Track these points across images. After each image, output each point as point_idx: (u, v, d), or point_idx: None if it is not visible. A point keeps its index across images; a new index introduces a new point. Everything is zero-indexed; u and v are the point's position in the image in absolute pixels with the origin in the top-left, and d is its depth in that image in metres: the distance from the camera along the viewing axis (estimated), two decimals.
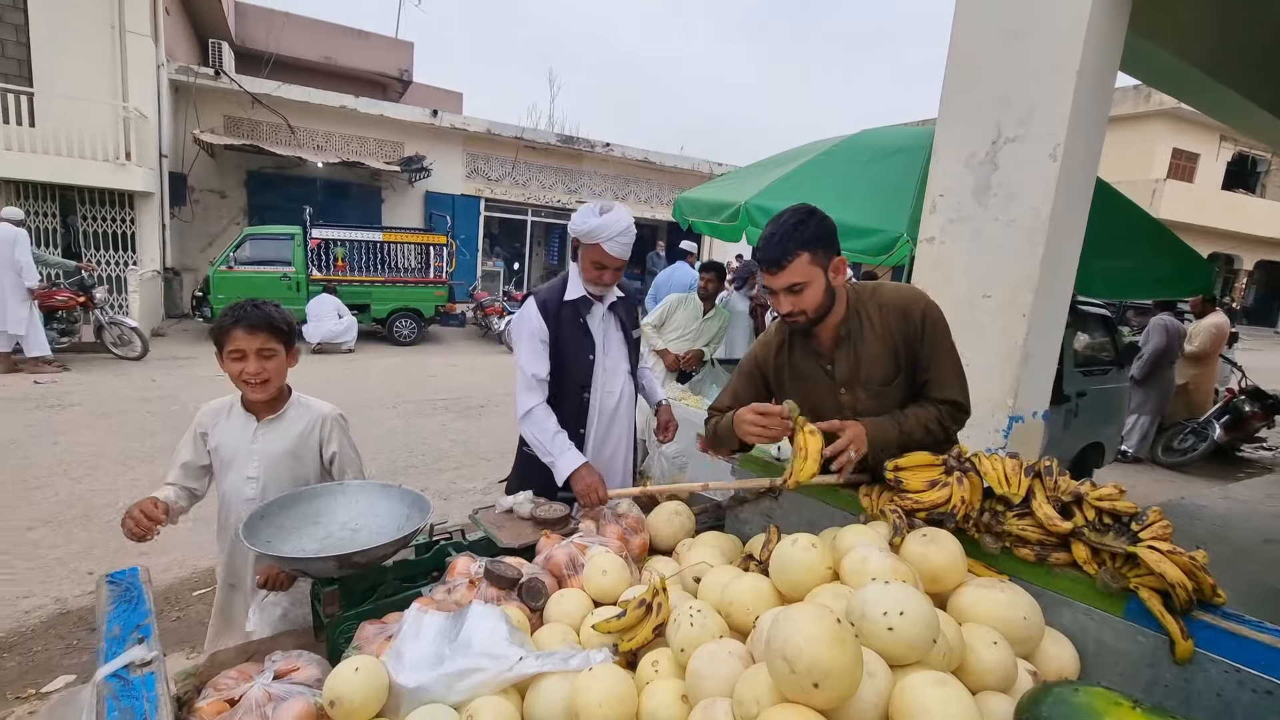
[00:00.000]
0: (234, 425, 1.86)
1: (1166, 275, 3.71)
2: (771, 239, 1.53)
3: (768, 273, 1.54)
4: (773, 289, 1.57)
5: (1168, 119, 19.17)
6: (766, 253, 1.53)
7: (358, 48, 16.71)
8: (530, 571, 1.52)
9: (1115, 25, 2.46)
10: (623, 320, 2.31)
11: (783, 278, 1.52)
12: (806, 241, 1.51)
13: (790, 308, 1.57)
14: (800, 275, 1.52)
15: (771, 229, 1.55)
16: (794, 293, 1.54)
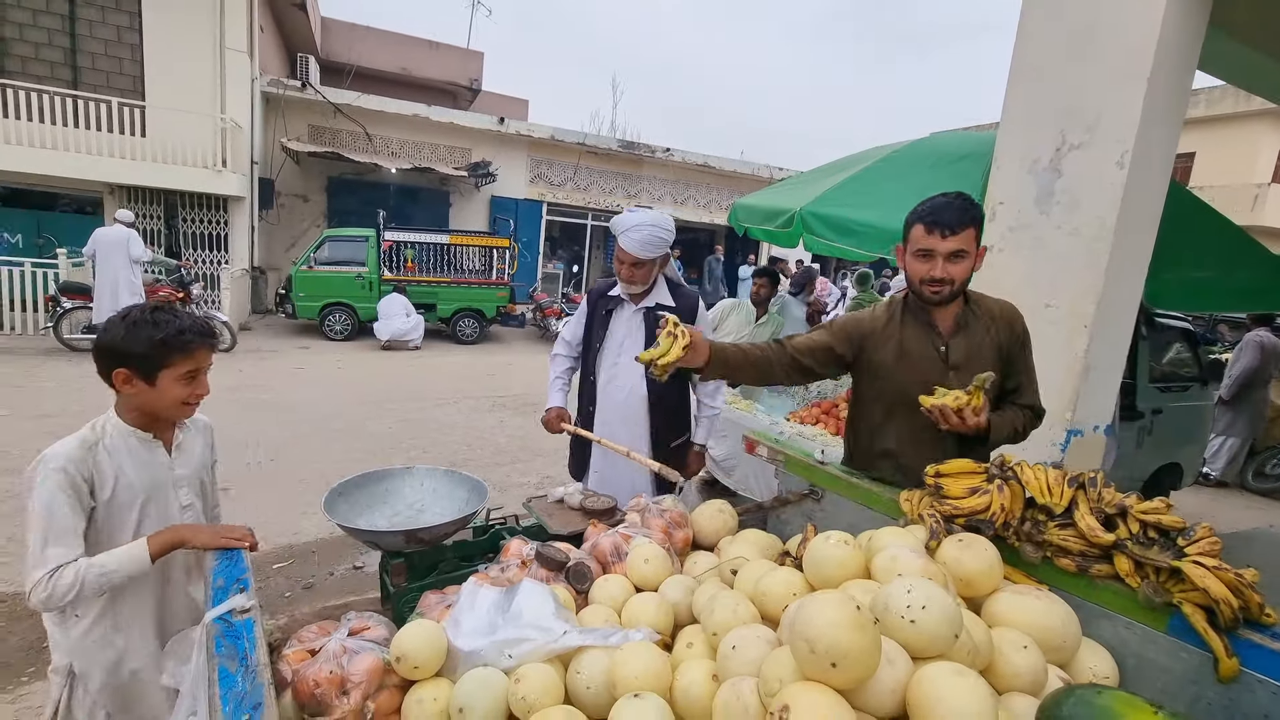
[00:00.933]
0: (137, 459, 1.50)
1: (1250, 286, 3.48)
2: (949, 206, 1.63)
3: (939, 235, 1.63)
4: (933, 251, 1.65)
5: (1273, 118, 17.68)
6: (943, 216, 1.62)
7: (431, 58, 17.46)
8: (577, 556, 1.62)
9: (1194, 23, 2.37)
10: (650, 328, 2.38)
11: (952, 241, 1.62)
12: (976, 220, 1.64)
13: (943, 274, 1.65)
14: (965, 244, 1.63)
15: (944, 201, 1.65)
16: (953, 260, 1.64)
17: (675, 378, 2.30)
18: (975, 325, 1.76)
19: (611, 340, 2.47)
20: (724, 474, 4.29)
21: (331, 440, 5.53)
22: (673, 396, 2.49)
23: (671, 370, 1.65)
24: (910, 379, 1.74)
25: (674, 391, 2.47)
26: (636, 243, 2.24)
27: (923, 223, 1.65)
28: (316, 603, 3.17)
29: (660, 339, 1.66)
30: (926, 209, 1.67)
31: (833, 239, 3.75)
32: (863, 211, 3.63)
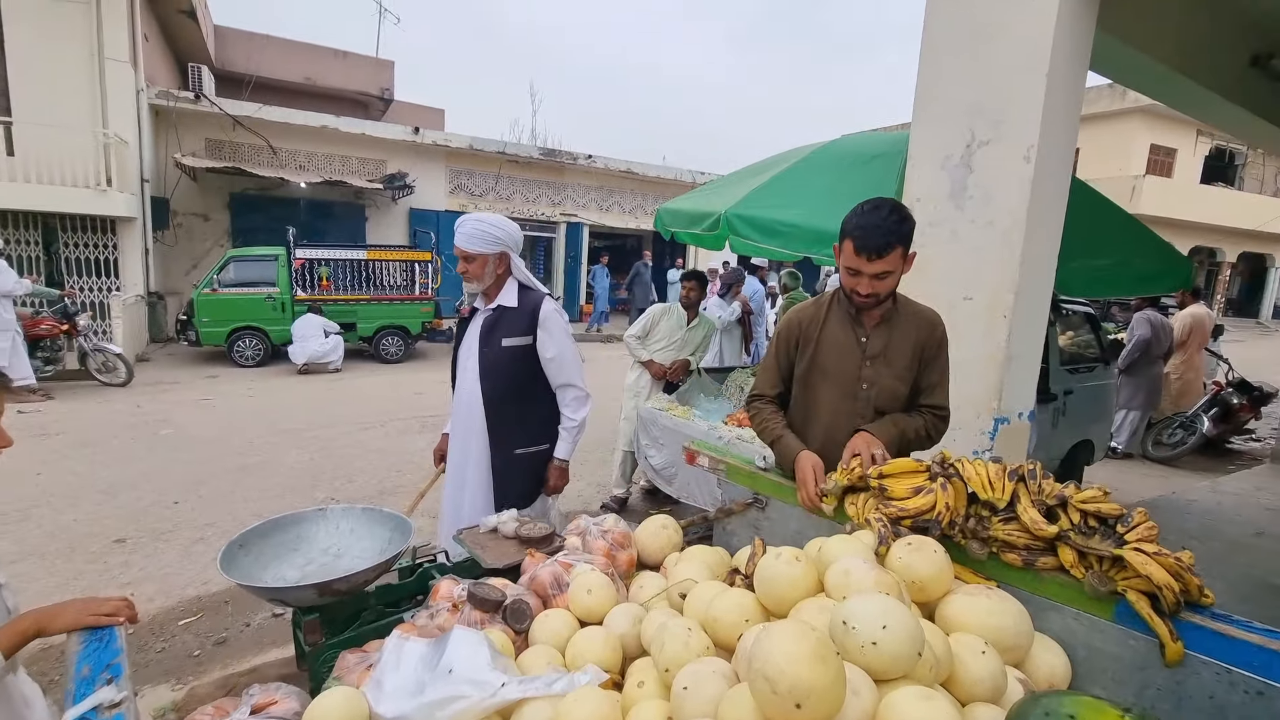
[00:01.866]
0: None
1: (1146, 272, 3.75)
2: (876, 230, 1.68)
3: (866, 259, 1.69)
4: (860, 271, 1.72)
5: (1144, 115, 19.48)
6: (869, 241, 1.68)
7: (338, 68, 16.73)
8: (514, 593, 1.50)
9: (1083, 25, 2.49)
10: (486, 328, 2.38)
11: (878, 265, 1.69)
12: (904, 237, 1.70)
13: (869, 290, 1.75)
14: (891, 265, 1.70)
15: (874, 219, 1.69)
16: (879, 279, 1.72)
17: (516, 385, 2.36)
18: (897, 322, 1.88)
19: (464, 346, 2.47)
20: (665, 482, 4.23)
21: (244, 476, 5.11)
22: (512, 401, 2.39)
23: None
24: (829, 361, 1.90)
25: (513, 395, 2.38)
26: (462, 236, 2.28)
27: (853, 242, 1.71)
28: (230, 661, 2.89)
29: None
30: (858, 228, 1.70)
31: (758, 240, 3.76)
32: (786, 212, 3.66)
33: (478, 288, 2.40)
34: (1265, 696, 1.07)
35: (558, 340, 2.37)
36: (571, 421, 2.45)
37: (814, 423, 1.93)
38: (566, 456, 2.48)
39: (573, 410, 2.45)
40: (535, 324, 2.35)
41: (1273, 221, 20.88)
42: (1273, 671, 1.07)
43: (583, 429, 2.48)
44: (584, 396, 2.45)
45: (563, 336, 2.39)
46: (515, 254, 2.40)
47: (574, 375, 2.43)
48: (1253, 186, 23.17)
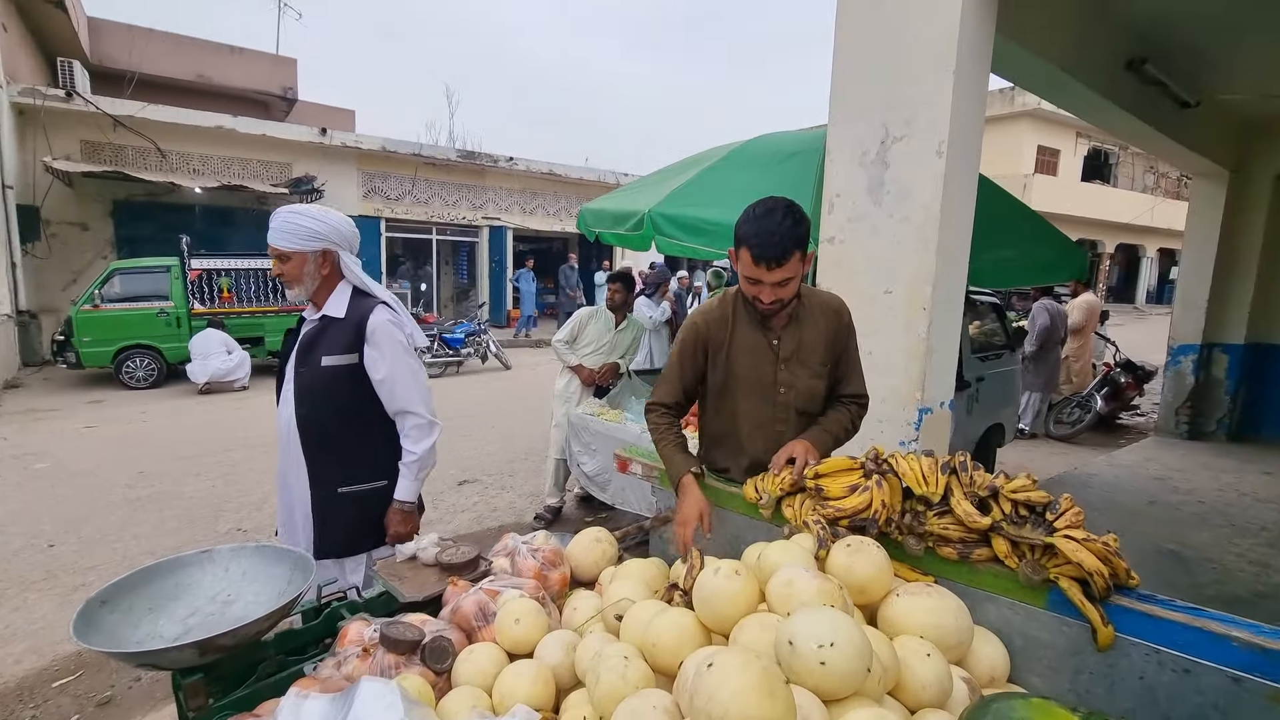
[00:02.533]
0: None
1: (1047, 262, 3.97)
2: (772, 237, 1.60)
3: (764, 267, 1.62)
4: (761, 280, 1.65)
5: (1032, 119, 21.03)
6: (767, 250, 1.60)
7: (233, 65, 15.65)
8: (434, 629, 1.36)
9: (984, 27, 2.57)
10: (306, 343, 2.00)
11: (779, 273, 1.62)
12: (800, 240, 1.62)
13: (773, 298, 1.68)
14: (791, 271, 1.64)
15: (768, 225, 1.61)
16: (782, 285, 1.66)
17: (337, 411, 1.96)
18: (806, 319, 1.83)
19: (288, 363, 2.05)
20: (599, 489, 4.13)
21: (134, 511, 4.63)
22: (334, 430, 1.99)
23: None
24: (744, 368, 1.83)
25: (335, 423, 1.99)
26: (273, 230, 1.93)
27: (750, 251, 1.62)
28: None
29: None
30: (754, 235, 1.62)
31: (683, 239, 3.73)
32: (710, 210, 3.65)
33: (300, 293, 2.00)
34: (1191, 674, 1.09)
35: (390, 358, 1.96)
36: (411, 455, 2.03)
37: (735, 432, 1.87)
38: (408, 498, 2.06)
39: (413, 442, 2.04)
40: (362, 338, 1.95)
41: (1143, 215, 22.98)
42: (1197, 649, 1.09)
43: (427, 464, 2.08)
44: (426, 425, 2.04)
45: (397, 353, 1.98)
46: (345, 252, 2.02)
47: (412, 400, 2.02)
48: (1125, 184, 25.44)
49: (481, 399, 8.80)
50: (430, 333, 10.50)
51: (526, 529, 4.22)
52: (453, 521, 4.56)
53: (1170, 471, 5.51)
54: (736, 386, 1.85)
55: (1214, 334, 6.52)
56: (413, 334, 2.07)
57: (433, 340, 10.40)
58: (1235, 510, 4.64)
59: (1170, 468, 5.62)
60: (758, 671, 0.74)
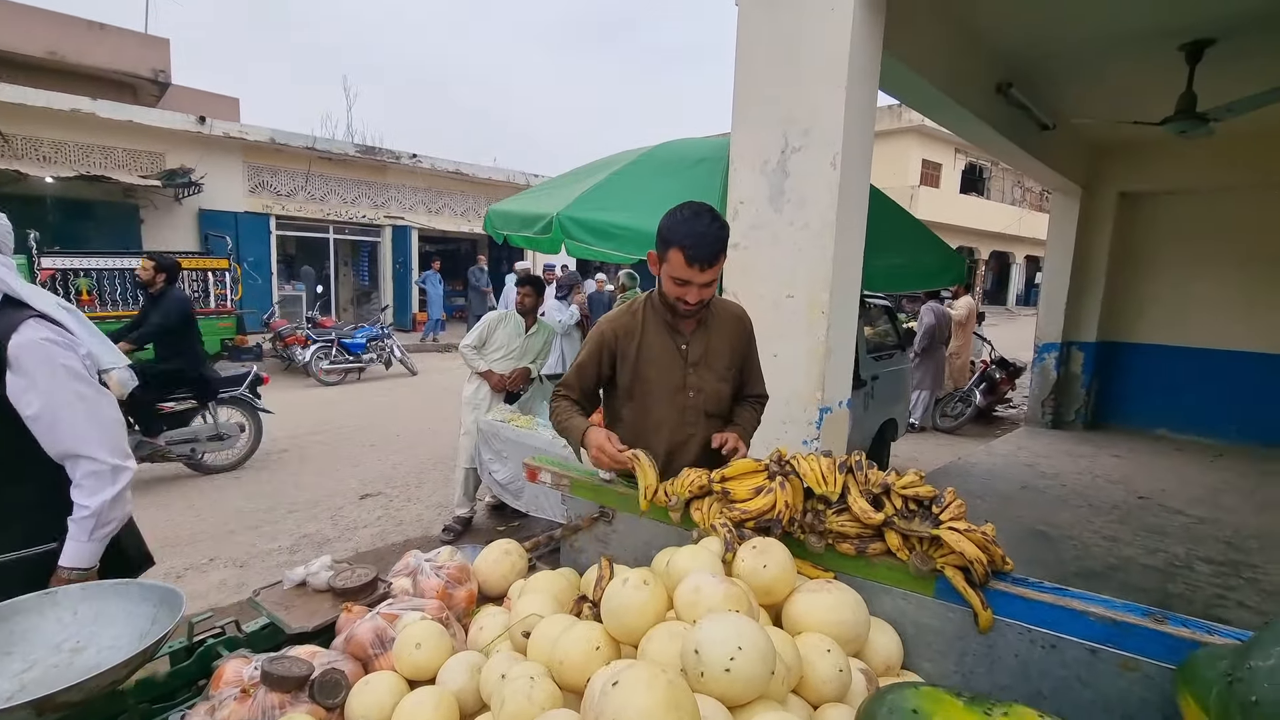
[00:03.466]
0: None
1: (932, 269, 4.28)
2: (707, 239, 1.67)
3: (697, 269, 1.68)
4: (691, 281, 1.70)
5: (917, 134, 22.65)
6: (701, 251, 1.66)
7: (94, 43, 14.07)
8: (325, 661, 1.26)
9: (873, 47, 2.73)
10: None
11: (709, 274, 1.70)
12: (725, 244, 1.72)
13: (698, 298, 1.74)
14: (718, 272, 1.73)
15: (702, 228, 1.68)
16: (707, 287, 1.73)
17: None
18: (713, 325, 1.91)
19: None
20: (511, 497, 4.03)
21: None
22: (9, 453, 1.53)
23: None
24: (653, 372, 1.88)
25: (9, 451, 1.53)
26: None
27: (684, 253, 1.67)
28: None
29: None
30: (689, 236, 1.67)
31: (592, 243, 3.71)
32: (619, 214, 3.65)
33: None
34: (1057, 649, 1.19)
35: (45, 387, 1.49)
36: (83, 510, 1.54)
37: (645, 434, 1.90)
38: (76, 564, 1.54)
39: (86, 494, 1.54)
40: (2, 363, 1.47)
41: (1012, 225, 25.34)
42: (1061, 625, 1.19)
43: (106, 519, 1.57)
44: (107, 471, 1.56)
45: (56, 381, 1.50)
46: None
47: (81, 439, 1.54)
48: (997, 196, 27.94)
49: (385, 407, 8.39)
50: (328, 337, 9.89)
51: (435, 542, 4.05)
52: (353, 539, 4.30)
53: (1038, 458, 6.08)
54: (646, 390, 1.90)
55: (1072, 333, 7.28)
56: (91, 354, 1.62)
57: (330, 345, 9.81)
58: (1091, 491, 5.19)
59: (1038, 455, 6.21)
60: (663, 687, 0.73)
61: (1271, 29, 3.74)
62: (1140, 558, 3.99)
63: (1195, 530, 4.47)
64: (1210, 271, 6.82)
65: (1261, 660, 0.79)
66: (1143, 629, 1.12)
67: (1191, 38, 3.91)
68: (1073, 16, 3.77)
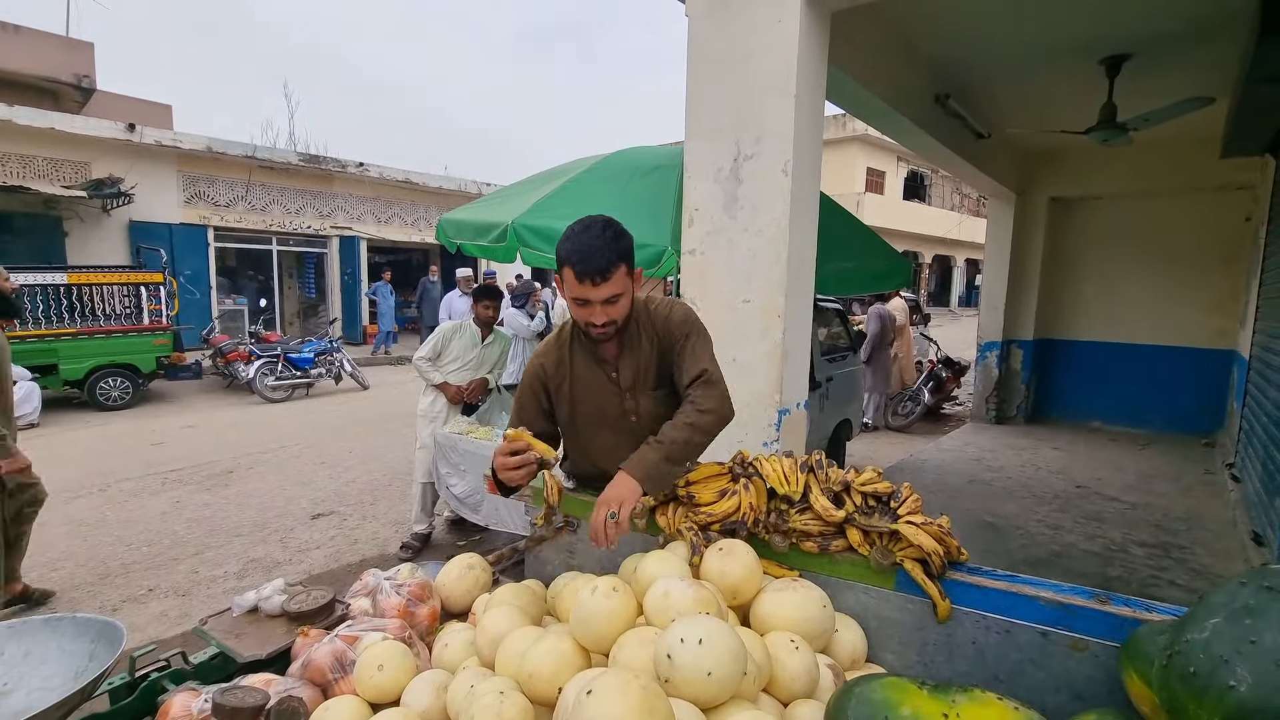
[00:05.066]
0: None
1: (880, 272, 4.43)
2: (593, 250, 1.51)
3: (589, 284, 1.52)
4: (589, 300, 1.54)
5: (861, 143, 23.40)
6: (589, 265, 1.50)
7: (8, 45, 13.25)
8: (281, 689, 1.21)
9: (819, 58, 2.81)
10: None
11: (605, 289, 1.53)
12: (624, 253, 1.55)
13: (604, 318, 1.58)
14: (619, 286, 1.55)
15: (588, 240, 1.52)
16: (611, 303, 1.56)
17: None
18: (641, 342, 1.72)
19: None
20: (470, 510, 3.96)
21: None
22: None
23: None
24: (589, 407, 1.75)
25: None
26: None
27: (573, 269, 1.52)
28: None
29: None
30: (574, 251, 1.52)
31: (548, 251, 3.69)
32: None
33: None
34: (1011, 634, 1.24)
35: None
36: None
37: (596, 464, 1.79)
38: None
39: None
40: None
41: (953, 230, 26.38)
42: (1014, 611, 1.24)
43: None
44: None
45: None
46: None
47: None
48: (938, 202, 29.08)
49: (336, 423, 8.12)
50: (273, 353, 9.53)
51: (392, 561, 3.94)
52: (305, 561, 4.15)
53: (984, 453, 6.33)
54: (586, 422, 1.78)
55: (1011, 332, 7.61)
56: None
57: (275, 361, 9.46)
58: (1034, 483, 5.42)
59: (984, 449, 6.46)
60: (637, 693, 0.73)
61: (1181, 46, 4.02)
62: (1081, 544, 4.19)
63: (1129, 515, 4.72)
64: (1134, 271, 7.25)
65: (1197, 634, 0.84)
66: (1089, 610, 1.18)
67: (1110, 52, 4.17)
68: (1000, 32, 3.97)
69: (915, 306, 9.61)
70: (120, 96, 15.16)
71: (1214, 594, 0.88)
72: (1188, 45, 4.01)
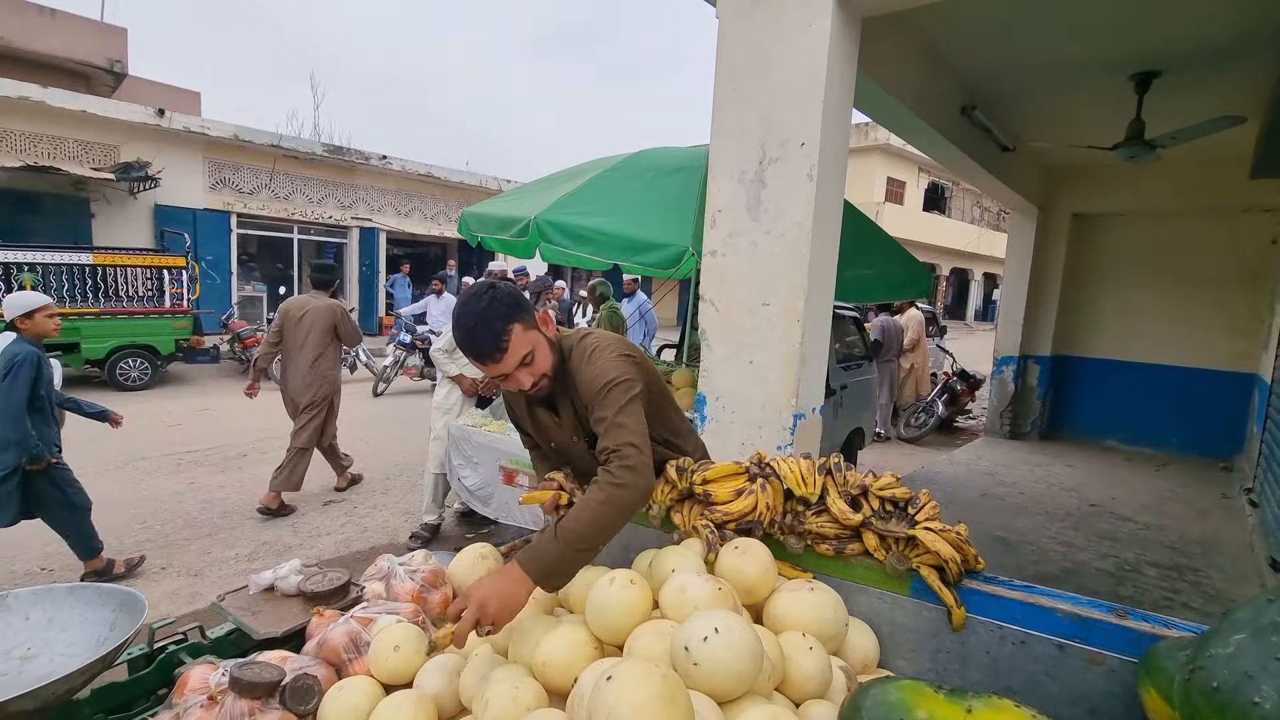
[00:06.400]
0: None
1: (900, 281, 4.40)
2: (474, 331, 1.41)
3: (493, 364, 1.43)
4: (504, 373, 1.46)
5: (882, 153, 23.25)
6: (479, 347, 1.41)
7: (46, 29, 13.52)
8: (297, 667, 1.23)
9: (848, 63, 2.80)
10: None
11: (508, 360, 1.42)
12: (509, 314, 1.42)
13: (529, 379, 1.48)
14: (523, 347, 1.44)
15: (468, 324, 1.42)
16: (525, 364, 1.46)
17: None
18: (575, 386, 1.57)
19: None
20: (480, 503, 3.97)
21: None
22: None
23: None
24: (552, 442, 1.74)
25: None
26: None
27: (471, 357, 1.46)
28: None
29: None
30: (463, 342, 1.44)
31: (569, 247, 3.71)
32: (596, 219, 3.66)
33: None
34: (1026, 644, 1.23)
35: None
36: None
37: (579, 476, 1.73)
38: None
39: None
40: None
41: (971, 243, 26.15)
42: (1030, 622, 1.23)
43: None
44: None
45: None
46: None
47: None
48: (957, 215, 28.83)
49: (351, 411, 8.17)
50: None
51: (402, 549, 3.96)
52: (316, 546, 4.18)
53: (997, 467, 6.26)
54: (553, 452, 1.78)
55: (1029, 347, 7.53)
56: None
57: None
58: (1047, 499, 5.36)
59: (997, 464, 6.40)
60: (658, 680, 0.74)
61: (1213, 64, 3.97)
62: (1093, 562, 4.13)
63: (1143, 536, 4.65)
64: (1156, 291, 7.15)
65: (1221, 649, 0.83)
66: (1107, 624, 1.17)
67: (1140, 69, 4.12)
68: (1031, 45, 3.94)
69: (932, 318, 9.55)
70: (150, 82, 15.41)
71: (1239, 610, 0.87)
72: (1220, 63, 3.95)
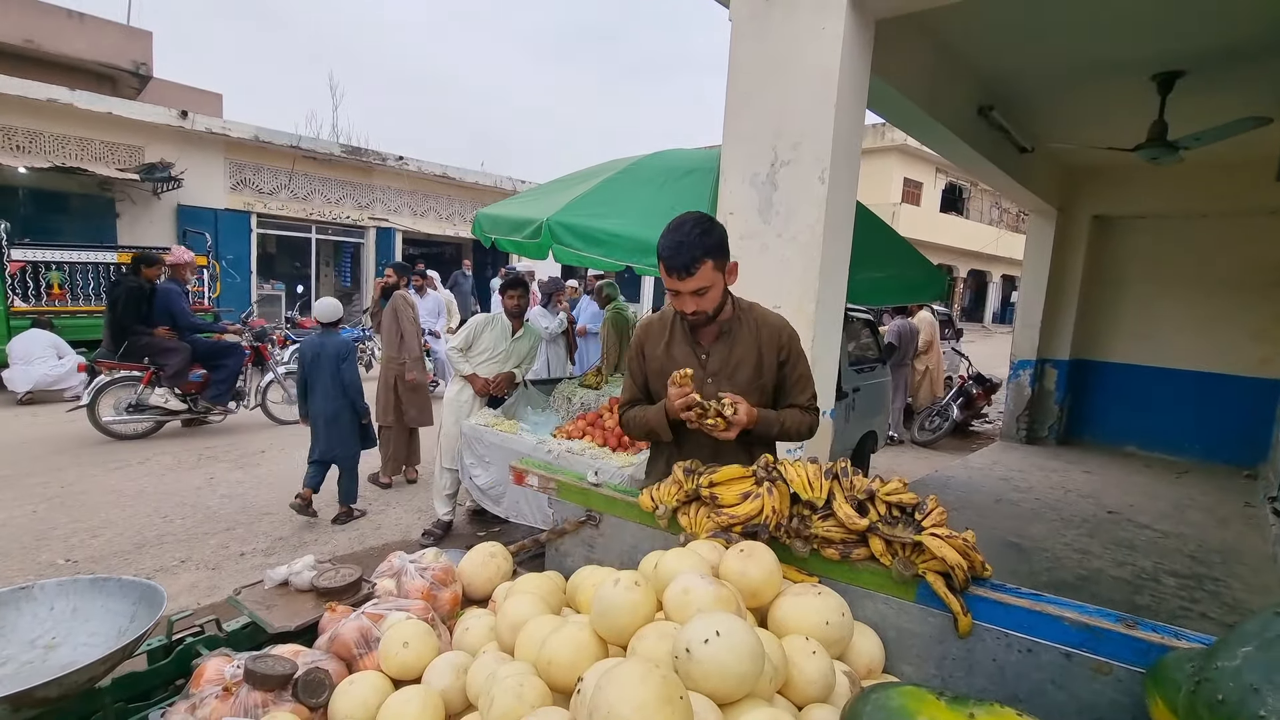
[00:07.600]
0: None
1: (914, 283, 4.37)
2: (680, 247, 1.65)
3: (677, 278, 1.66)
4: (679, 291, 1.70)
5: (899, 153, 23.07)
6: (675, 260, 1.65)
7: (74, 32, 13.82)
8: (309, 660, 1.26)
9: (862, 67, 2.80)
10: None
11: (691, 283, 1.66)
12: (710, 249, 1.66)
13: (694, 308, 1.72)
14: (706, 280, 1.67)
15: (677, 237, 1.66)
16: (699, 295, 1.70)
17: None
18: (739, 334, 1.87)
19: None
20: (492, 502, 4.01)
21: None
22: None
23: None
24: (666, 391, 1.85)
25: None
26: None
27: (663, 264, 1.69)
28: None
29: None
30: (665, 247, 1.68)
31: (582, 248, 3.72)
32: (608, 221, 3.67)
33: None
34: (1033, 653, 1.22)
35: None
36: None
37: (676, 436, 1.91)
38: None
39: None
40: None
41: (989, 245, 25.86)
42: (1038, 630, 1.22)
43: None
44: None
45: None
46: None
47: None
48: (975, 216, 28.51)
49: None
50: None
51: (414, 547, 4.01)
52: (330, 542, 4.24)
53: (1012, 472, 6.20)
54: (663, 393, 1.87)
55: (1046, 350, 7.44)
56: None
57: None
58: (1063, 505, 5.30)
59: (1012, 469, 6.33)
60: (658, 681, 0.75)
61: (1238, 64, 3.90)
62: (1109, 570, 4.08)
63: (1161, 544, 4.58)
64: (1177, 294, 7.03)
65: (1227, 661, 0.82)
66: (1115, 634, 1.16)
67: (1163, 69, 4.06)
68: (1050, 46, 3.89)
69: (948, 321, 9.46)
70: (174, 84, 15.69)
71: (1247, 622, 0.86)
72: (1245, 63, 3.88)
